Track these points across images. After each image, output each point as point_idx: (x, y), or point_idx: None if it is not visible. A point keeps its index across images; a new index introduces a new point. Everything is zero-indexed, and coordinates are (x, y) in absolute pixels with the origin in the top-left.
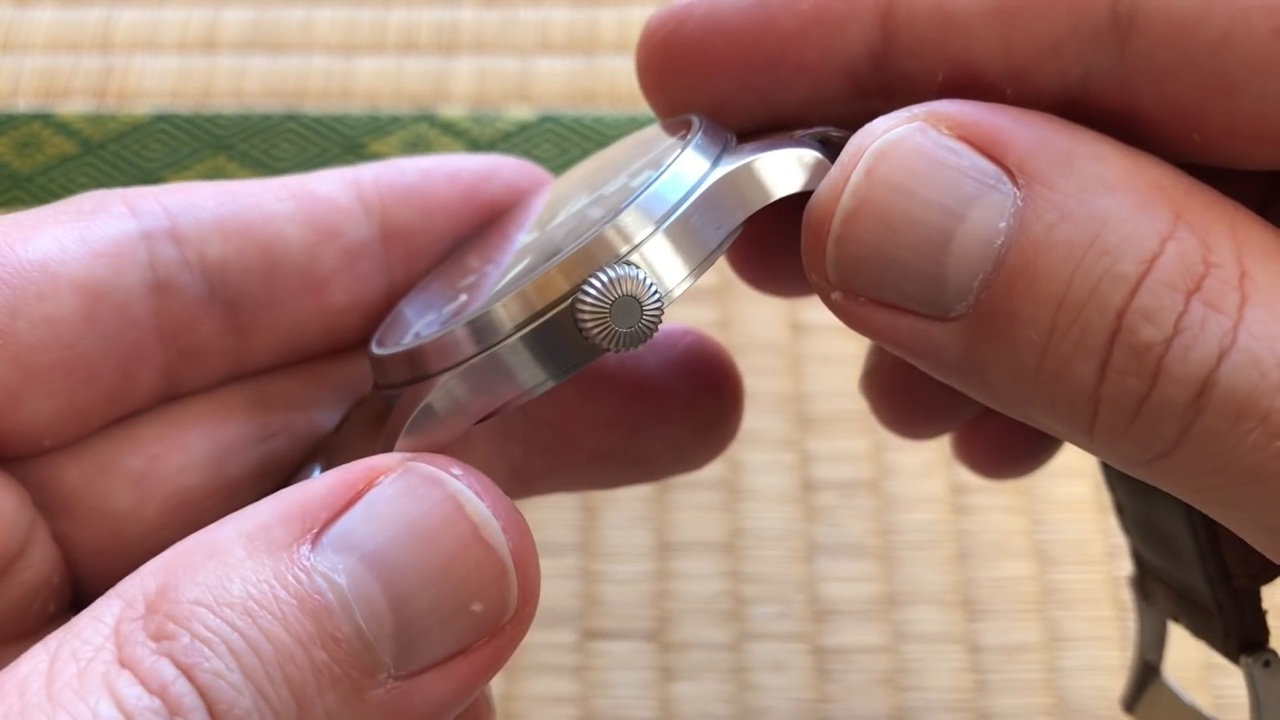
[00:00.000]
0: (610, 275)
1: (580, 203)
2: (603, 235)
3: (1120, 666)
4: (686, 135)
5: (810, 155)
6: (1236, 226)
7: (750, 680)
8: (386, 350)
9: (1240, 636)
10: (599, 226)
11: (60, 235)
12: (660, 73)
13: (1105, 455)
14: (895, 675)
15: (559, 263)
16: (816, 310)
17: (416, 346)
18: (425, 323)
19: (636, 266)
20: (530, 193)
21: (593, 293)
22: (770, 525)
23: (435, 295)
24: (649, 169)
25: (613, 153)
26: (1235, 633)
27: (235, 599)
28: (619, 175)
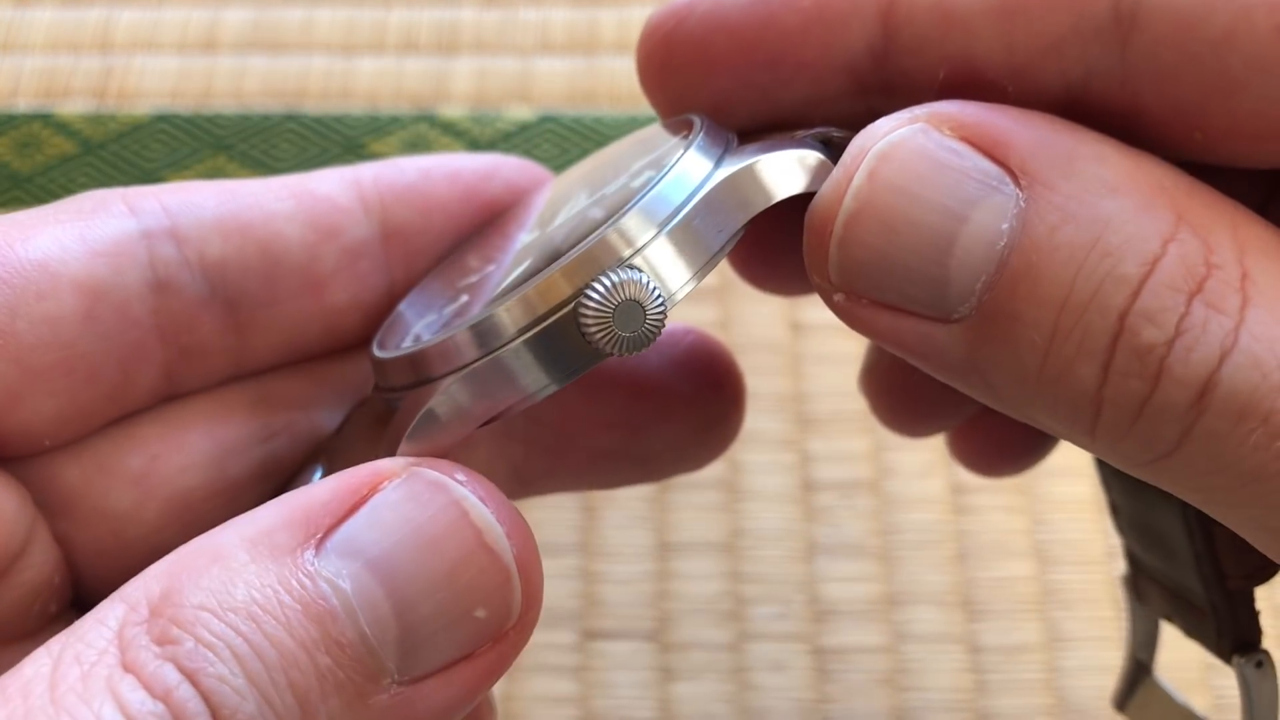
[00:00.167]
0: (613, 279)
1: (580, 202)
2: (605, 238)
3: (1120, 666)
4: (688, 136)
5: (813, 156)
6: (1238, 227)
7: (750, 680)
8: (388, 353)
9: (1233, 637)
10: (601, 229)
11: (60, 235)
12: (661, 70)
13: (1107, 456)
14: (895, 675)
15: (561, 266)
16: (816, 310)
17: (418, 350)
18: (425, 323)
19: (639, 270)
20: (530, 192)
21: (596, 297)
22: (770, 525)
23: (435, 295)
24: (650, 169)
25: (613, 152)
26: (1228, 633)
27: (239, 604)
28: (619, 175)
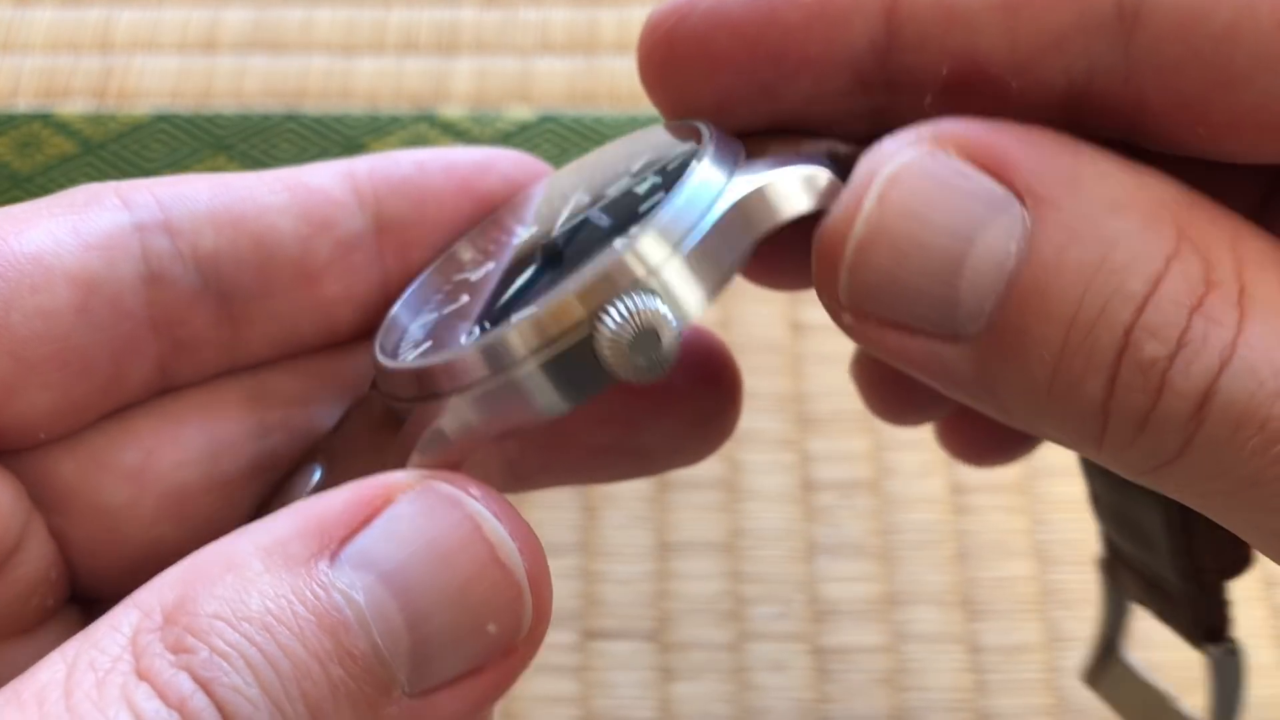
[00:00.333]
0: (630, 306)
1: (582, 202)
2: (622, 259)
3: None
4: (698, 146)
5: (823, 175)
6: (1237, 242)
7: (750, 680)
8: (396, 364)
9: (1206, 626)
10: (615, 248)
11: (54, 228)
12: (662, 67)
13: (1111, 464)
14: (895, 675)
15: (577, 289)
16: (816, 310)
17: (428, 366)
18: (423, 322)
19: (655, 294)
20: (527, 185)
21: (612, 324)
22: (770, 525)
23: (433, 291)
24: (655, 176)
25: (612, 151)
26: (1201, 622)
27: (254, 613)
28: (621, 177)
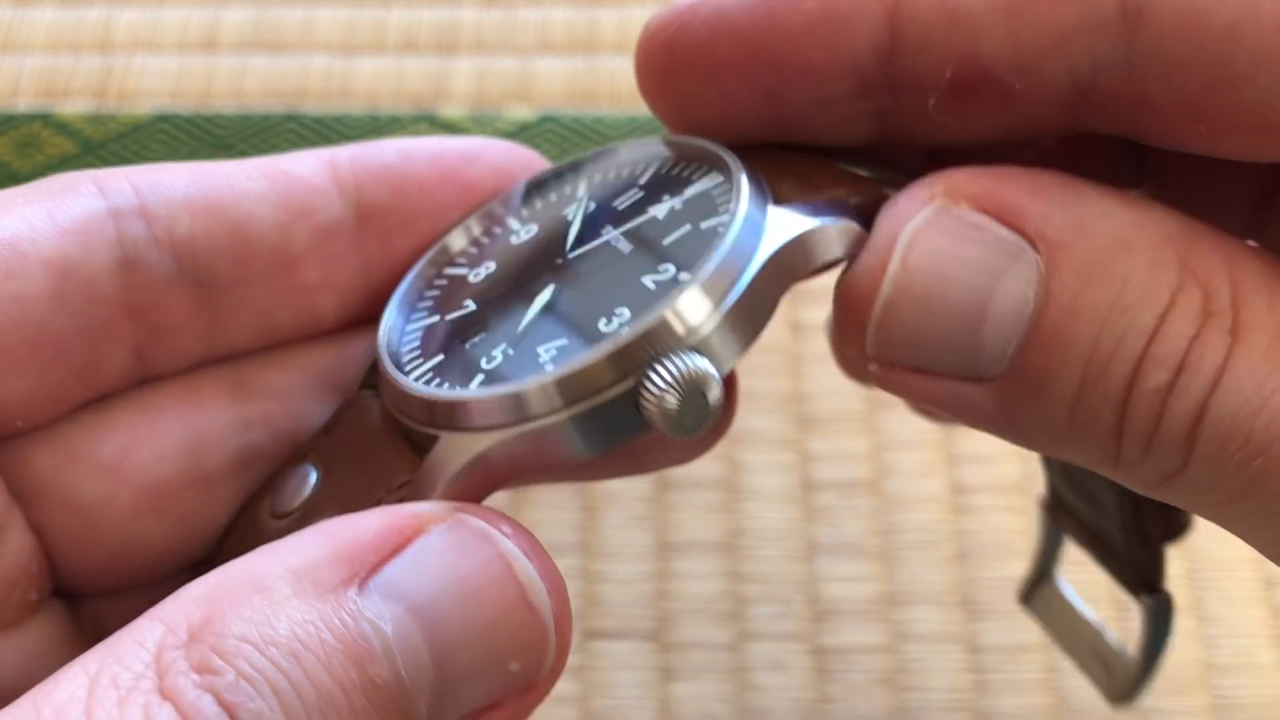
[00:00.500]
0: (676, 367)
1: (589, 210)
2: (666, 319)
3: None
4: (721, 179)
5: (853, 228)
6: (1234, 268)
7: (750, 680)
8: (428, 393)
9: (1145, 579)
10: (660, 304)
11: (29, 214)
12: (663, 75)
13: (1125, 481)
14: (895, 675)
15: (622, 345)
16: (816, 310)
17: (463, 400)
18: (422, 324)
19: (702, 355)
20: (517, 175)
21: (658, 386)
22: (770, 525)
23: (428, 286)
24: (674, 201)
25: (614, 156)
26: (1141, 575)
27: (281, 639)
28: (630, 189)
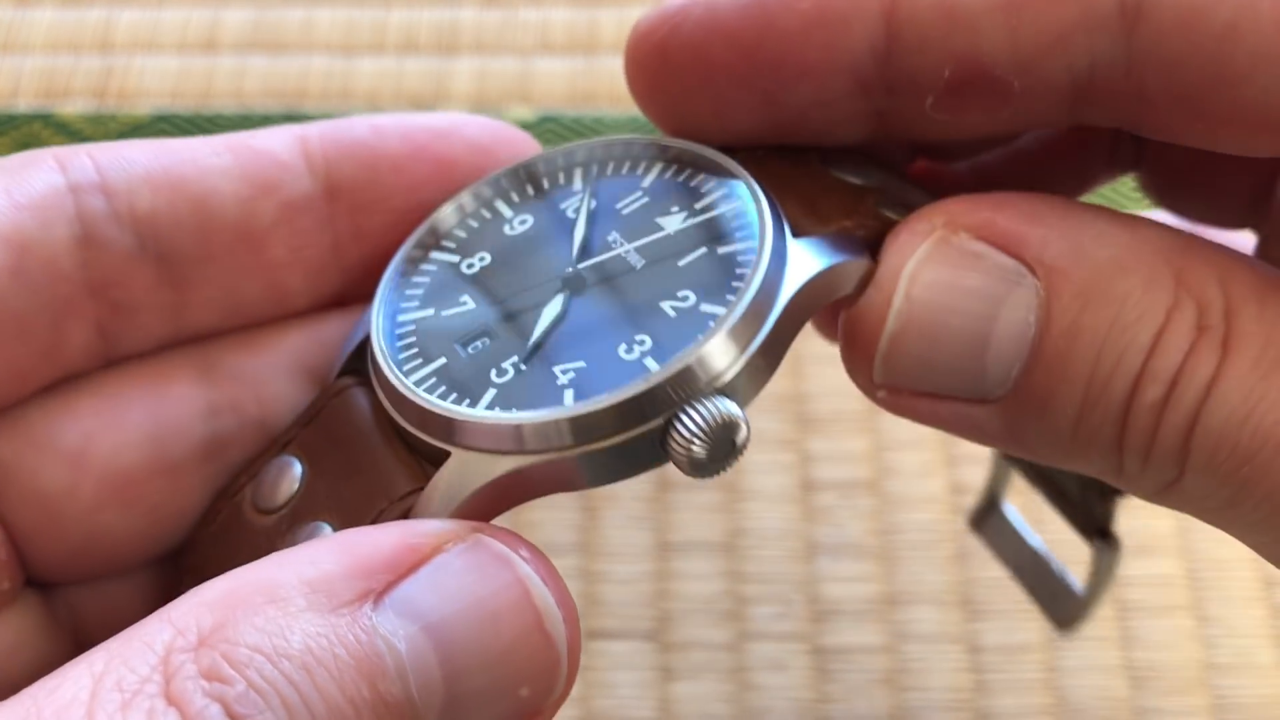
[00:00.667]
0: (706, 414)
1: (591, 209)
2: (695, 364)
3: (1120, 666)
4: (739, 209)
5: (864, 265)
6: (1227, 280)
7: (750, 680)
8: (441, 408)
9: (1098, 525)
10: (689, 346)
11: None
12: (656, 79)
13: (1129, 490)
14: (895, 675)
15: (652, 385)
16: None
17: (485, 423)
18: (415, 316)
19: (728, 396)
20: (497, 152)
21: (687, 432)
22: (770, 525)
23: (416, 269)
24: (684, 214)
25: (612, 149)
26: (1095, 522)
27: (294, 652)
28: (635, 194)
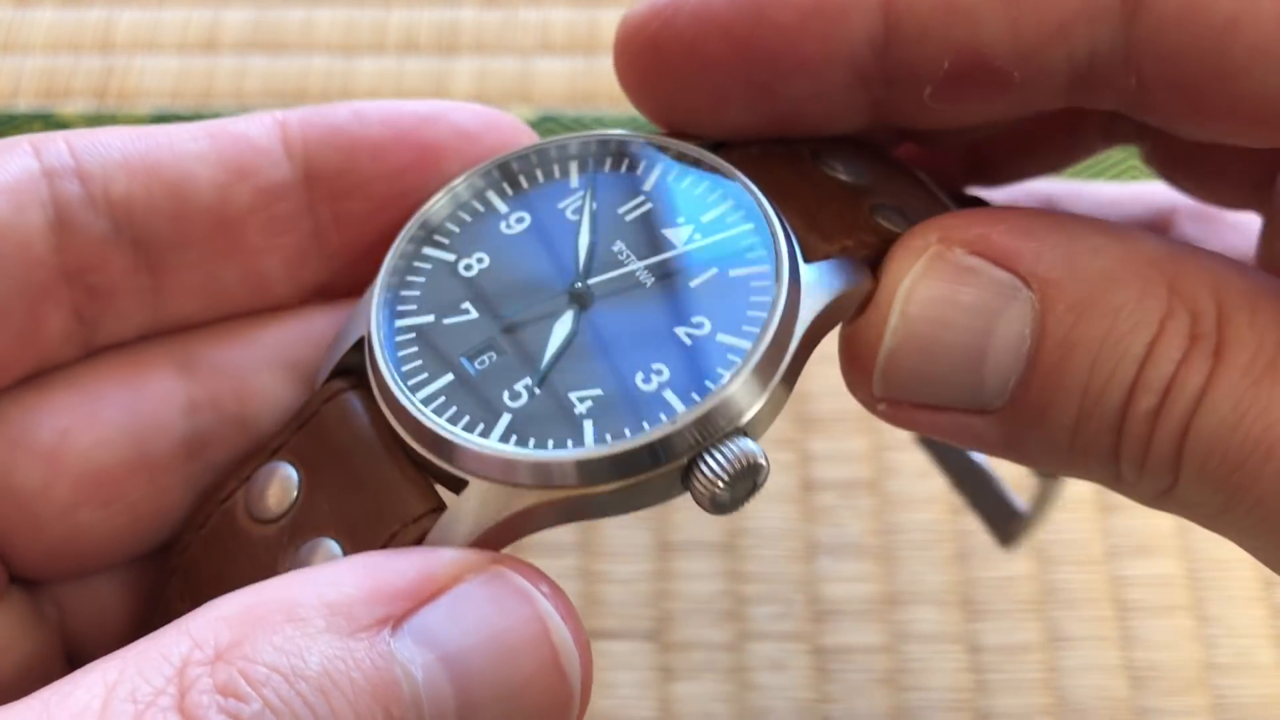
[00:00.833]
0: (728, 456)
1: (593, 210)
2: (718, 407)
3: (1120, 666)
4: (748, 226)
5: (868, 287)
6: (1220, 288)
7: (750, 680)
8: (460, 440)
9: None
10: (712, 390)
11: None
12: (648, 73)
13: (1128, 496)
14: (895, 675)
15: (676, 429)
16: None
17: (498, 456)
18: (414, 323)
19: (748, 435)
20: (486, 139)
21: (710, 473)
22: (770, 525)
23: (409, 267)
24: (690, 226)
25: (607, 146)
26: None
27: (312, 673)
28: (639, 198)
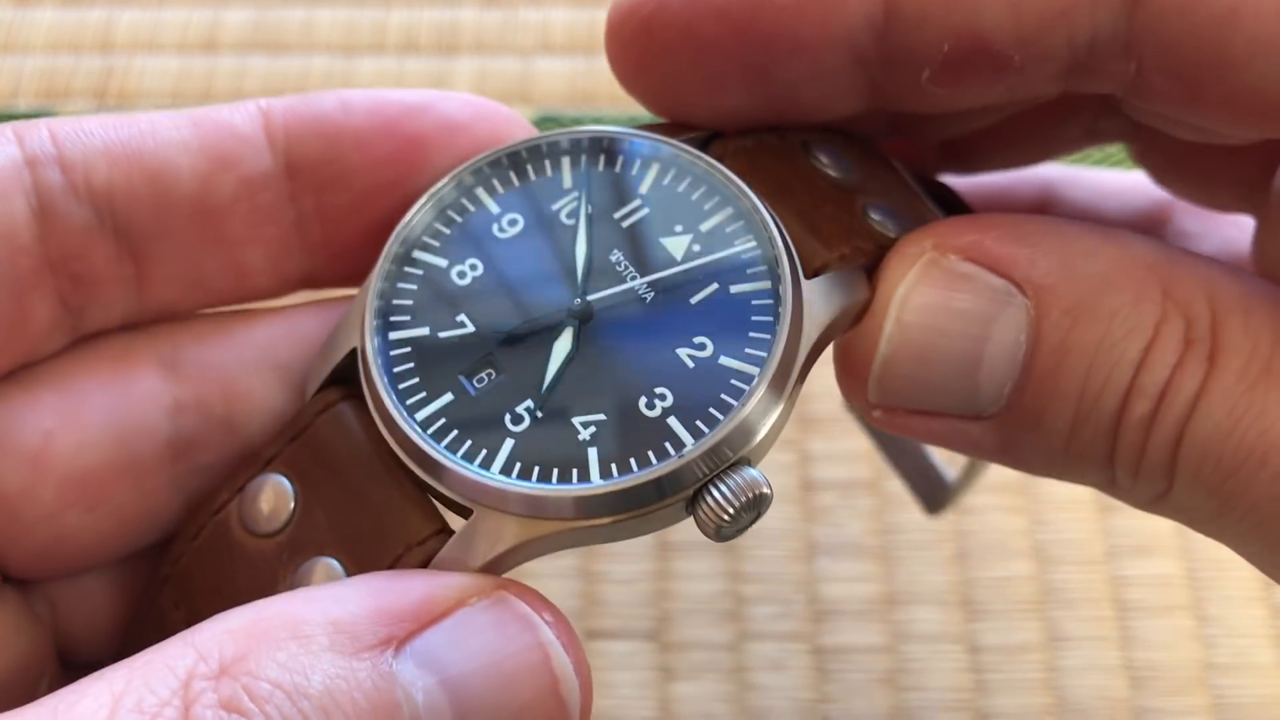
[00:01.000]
0: (734, 487)
1: (589, 214)
2: (727, 439)
3: (1120, 666)
4: (750, 241)
5: (865, 300)
6: (1213, 292)
7: (750, 680)
8: (468, 473)
9: None
10: (719, 420)
11: None
12: (643, 58)
13: (1122, 500)
14: (895, 675)
15: (685, 460)
16: None
17: (504, 490)
18: (408, 335)
19: (752, 464)
20: (474, 130)
21: (715, 504)
22: (770, 525)
23: (404, 277)
24: (688, 236)
25: (600, 142)
26: None
27: (314, 692)
28: (634, 202)
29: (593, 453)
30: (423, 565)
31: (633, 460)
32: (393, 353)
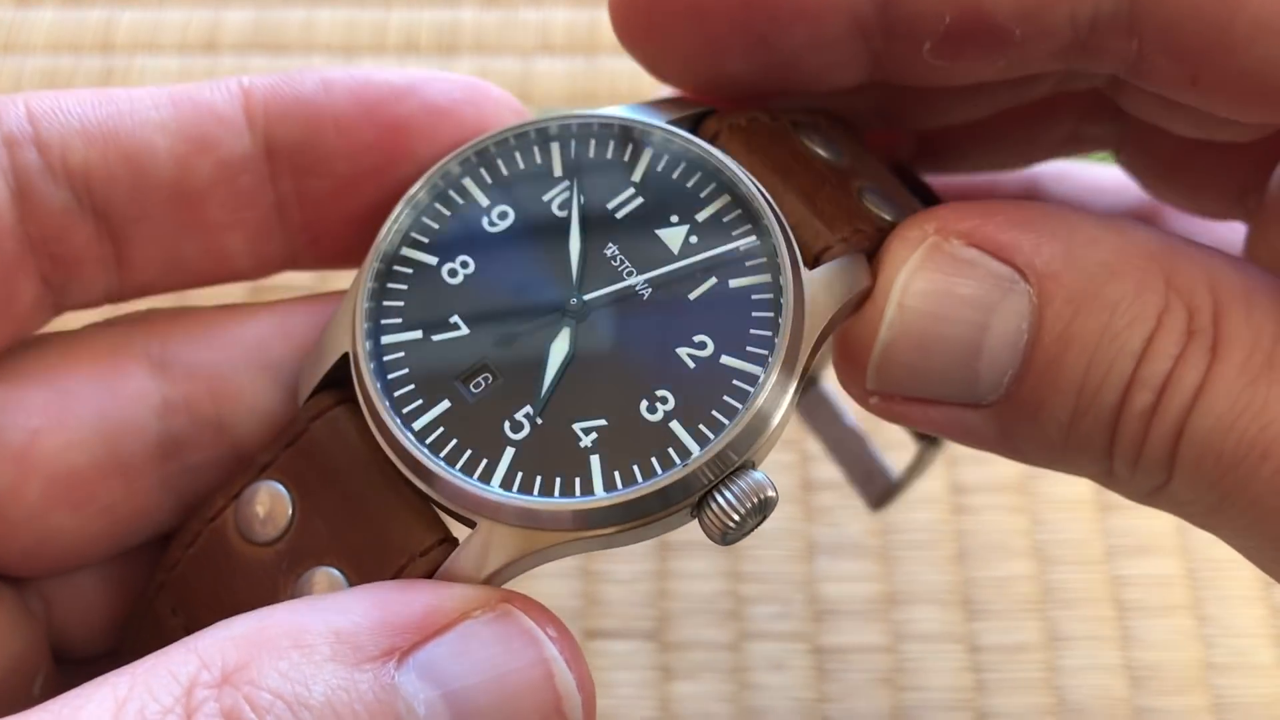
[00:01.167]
0: (739, 492)
1: (581, 203)
2: (731, 445)
3: (1120, 666)
4: (750, 234)
5: (867, 289)
6: (1215, 282)
7: (750, 680)
8: (471, 488)
9: (930, 435)
10: (723, 427)
11: None
12: (647, 24)
13: (1119, 492)
14: (895, 675)
15: (691, 469)
16: None
17: (508, 504)
18: (405, 340)
19: (755, 468)
20: (459, 114)
21: (721, 510)
22: (770, 525)
23: (394, 276)
24: (685, 226)
25: (591, 131)
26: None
27: (316, 702)
28: (629, 190)
29: (595, 460)
30: (427, 576)
31: (636, 469)
32: (386, 358)
